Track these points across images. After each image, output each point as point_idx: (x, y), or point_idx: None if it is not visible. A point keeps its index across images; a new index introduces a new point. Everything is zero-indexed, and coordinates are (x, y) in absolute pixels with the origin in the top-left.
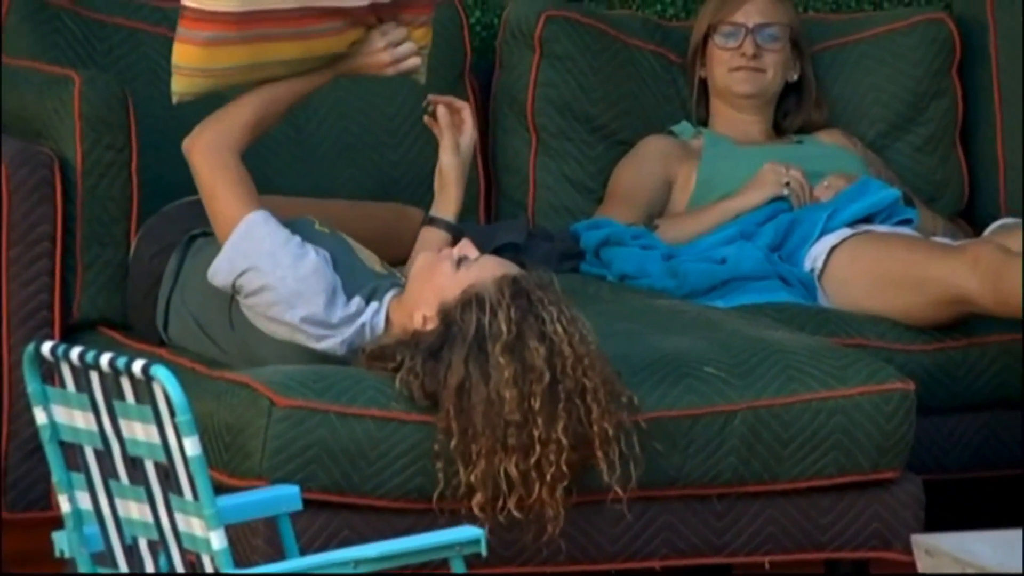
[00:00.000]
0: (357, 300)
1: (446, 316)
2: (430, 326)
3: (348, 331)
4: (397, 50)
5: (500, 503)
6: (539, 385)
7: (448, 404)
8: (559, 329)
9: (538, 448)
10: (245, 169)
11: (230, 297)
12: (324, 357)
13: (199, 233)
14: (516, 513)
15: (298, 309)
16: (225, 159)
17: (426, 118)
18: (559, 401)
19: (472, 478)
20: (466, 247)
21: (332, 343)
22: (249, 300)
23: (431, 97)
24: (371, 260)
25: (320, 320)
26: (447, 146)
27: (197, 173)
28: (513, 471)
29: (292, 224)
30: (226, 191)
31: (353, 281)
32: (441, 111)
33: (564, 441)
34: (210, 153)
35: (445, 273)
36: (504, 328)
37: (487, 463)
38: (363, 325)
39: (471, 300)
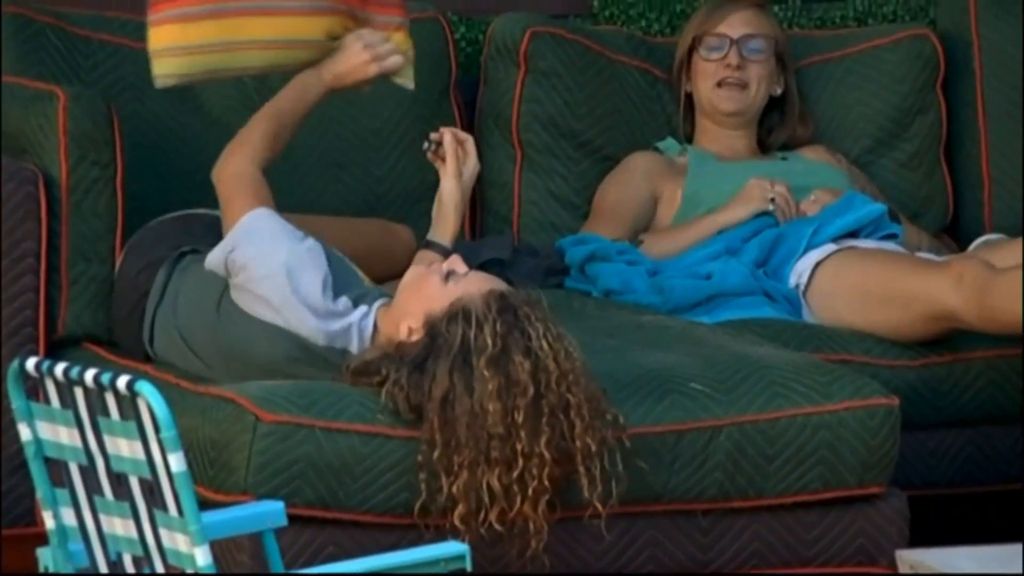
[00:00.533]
0: (344, 300)
1: (432, 328)
2: (415, 337)
3: (334, 324)
4: (377, 49)
5: (482, 516)
6: (523, 399)
7: (432, 415)
8: (544, 345)
9: (521, 462)
10: (266, 183)
11: (216, 302)
12: (306, 348)
13: (189, 250)
14: (497, 526)
15: (288, 283)
16: (247, 171)
17: (429, 154)
18: (542, 415)
19: (454, 490)
20: (455, 262)
21: (315, 327)
22: (239, 278)
23: (434, 134)
24: (359, 273)
25: (306, 297)
26: (450, 172)
27: (220, 185)
28: (495, 484)
29: None
30: (242, 195)
31: (343, 283)
32: (448, 138)
33: (547, 455)
34: (234, 166)
35: (433, 286)
36: (489, 342)
37: (470, 475)
38: (350, 326)
39: (457, 313)
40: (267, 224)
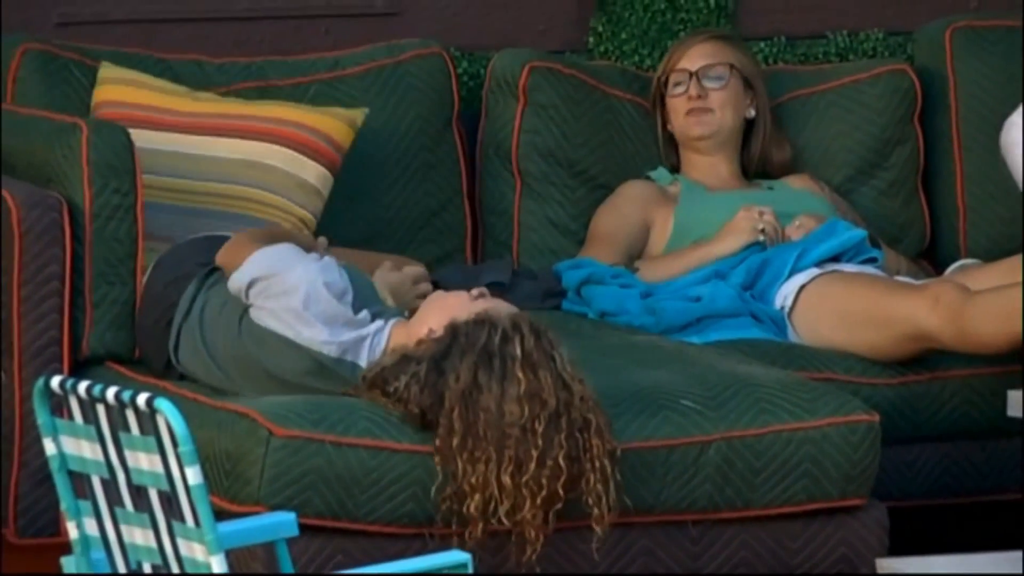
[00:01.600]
0: (365, 313)
1: (454, 328)
2: (436, 335)
3: (347, 334)
4: None
5: (492, 508)
6: (544, 411)
7: (453, 403)
8: (568, 368)
9: (533, 466)
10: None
11: (239, 317)
12: (319, 363)
13: (219, 268)
14: (505, 521)
15: (304, 299)
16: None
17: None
18: (562, 431)
19: (473, 480)
20: (484, 291)
21: (328, 339)
22: (258, 299)
23: None
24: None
25: (323, 311)
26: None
27: (225, 258)
28: (507, 481)
29: None
30: (249, 246)
31: (364, 297)
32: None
33: (564, 467)
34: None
35: (460, 299)
36: (519, 351)
37: (486, 467)
38: (364, 338)
39: (484, 321)
40: (278, 251)
